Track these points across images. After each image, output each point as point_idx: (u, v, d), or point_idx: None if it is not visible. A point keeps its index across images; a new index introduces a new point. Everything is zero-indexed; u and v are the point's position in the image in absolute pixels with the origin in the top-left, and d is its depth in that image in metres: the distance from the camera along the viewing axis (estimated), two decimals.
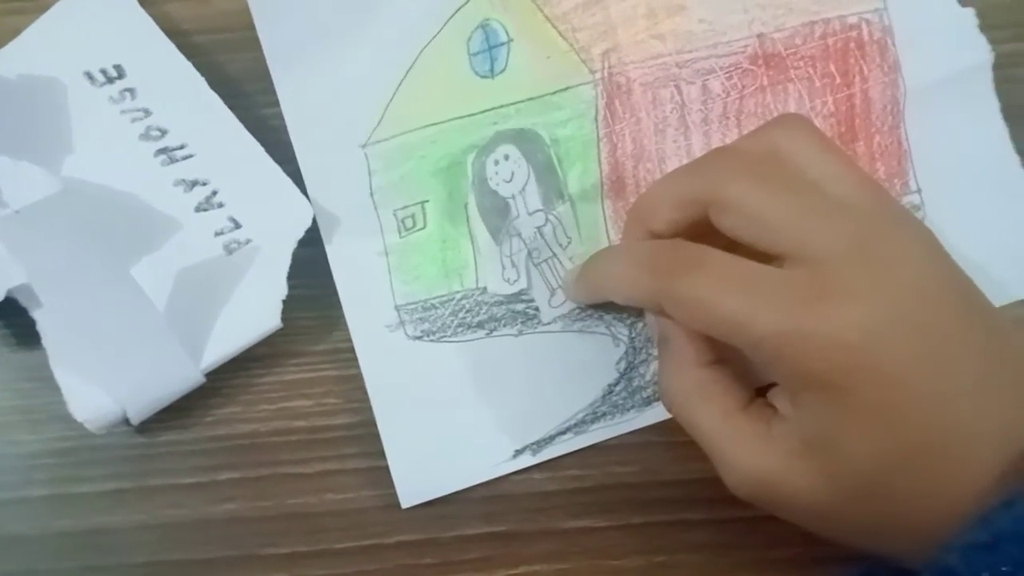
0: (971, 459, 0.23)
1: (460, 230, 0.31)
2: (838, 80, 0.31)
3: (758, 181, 0.25)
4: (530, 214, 0.31)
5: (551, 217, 0.31)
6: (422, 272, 0.31)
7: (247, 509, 0.30)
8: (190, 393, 0.30)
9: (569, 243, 0.31)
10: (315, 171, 0.31)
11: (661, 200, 0.27)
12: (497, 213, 0.31)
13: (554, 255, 0.31)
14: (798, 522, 0.25)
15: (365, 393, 0.31)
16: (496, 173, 0.31)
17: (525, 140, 0.31)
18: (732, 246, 0.25)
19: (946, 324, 0.24)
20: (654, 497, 0.31)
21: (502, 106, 0.31)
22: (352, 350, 0.31)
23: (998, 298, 0.30)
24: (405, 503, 0.30)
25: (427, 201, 0.31)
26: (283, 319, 0.29)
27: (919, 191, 0.31)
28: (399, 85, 0.31)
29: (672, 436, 0.30)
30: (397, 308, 0.31)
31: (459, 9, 0.31)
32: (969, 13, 0.31)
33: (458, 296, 0.31)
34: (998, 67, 0.31)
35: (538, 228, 0.31)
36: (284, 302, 0.29)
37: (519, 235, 0.31)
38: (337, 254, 0.31)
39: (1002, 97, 0.31)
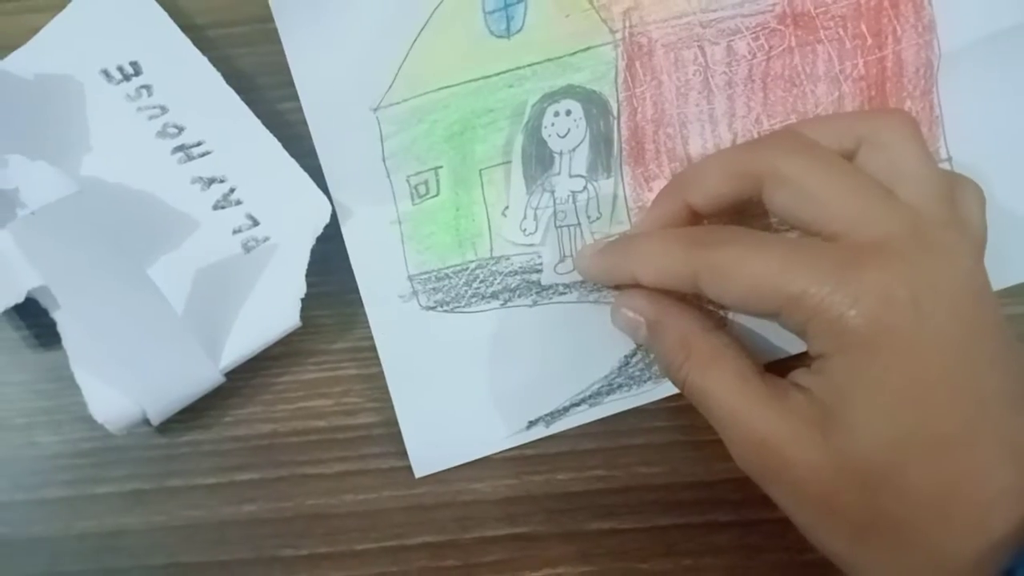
0: (995, 470, 0.22)
1: (474, 197, 0.31)
2: (869, 41, 0.30)
3: (820, 162, 0.24)
4: (571, 176, 0.30)
5: (590, 187, 0.30)
6: (436, 241, 0.31)
7: (266, 510, 0.30)
8: (209, 393, 0.29)
9: (598, 218, 0.30)
10: (326, 136, 0.30)
11: (711, 170, 0.27)
12: (539, 163, 0.30)
13: (579, 224, 0.30)
14: (790, 506, 0.24)
15: (386, 392, 0.30)
16: (552, 124, 0.30)
17: (592, 103, 0.30)
18: None
19: (984, 329, 0.23)
20: (681, 498, 0.30)
21: (518, 68, 0.30)
22: (372, 348, 0.30)
23: None
24: (418, 472, 0.30)
25: (440, 167, 0.31)
26: (302, 317, 0.29)
27: (949, 159, 0.30)
28: (412, 45, 0.30)
29: (699, 436, 0.29)
30: (410, 278, 0.30)
31: None
32: None
33: (472, 266, 0.30)
34: None
35: (573, 193, 0.30)
36: (302, 300, 0.29)
37: (552, 192, 0.30)
38: (349, 222, 0.30)
39: None
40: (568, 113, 0.30)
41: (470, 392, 0.30)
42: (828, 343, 0.23)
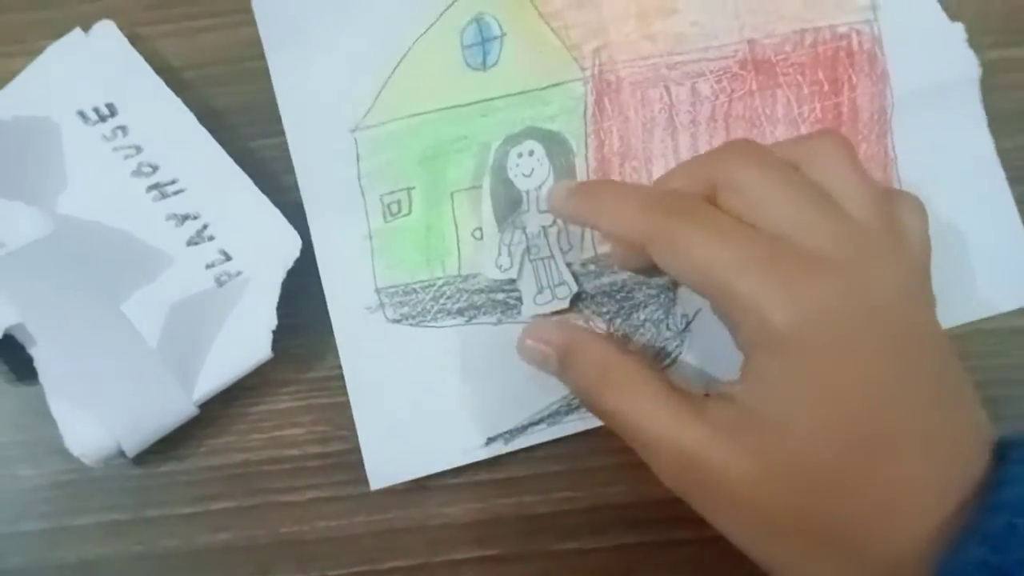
0: (929, 475, 0.23)
1: (444, 218, 0.32)
2: (826, 88, 0.31)
3: (770, 173, 0.25)
4: (540, 212, 0.31)
5: (559, 221, 0.31)
6: (405, 257, 0.32)
7: (241, 538, 0.31)
8: (184, 424, 0.30)
9: (570, 249, 0.31)
10: (305, 154, 0.32)
11: (678, 175, 0.27)
12: (508, 202, 0.31)
13: (552, 256, 0.31)
14: (725, 521, 0.24)
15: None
16: (517, 165, 0.31)
17: (553, 142, 0.32)
18: None
19: (916, 340, 0.24)
20: (644, 517, 0.31)
21: (491, 99, 0.32)
22: (342, 377, 0.31)
23: (982, 311, 0.31)
24: (374, 484, 0.30)
25: (413, 188, 0.32)
26: (273, 348, 0.30)
27: None
28: (392, 73, 0.32)
29: None
30: (378, 291, 0.31)
31: (454, 2, 0.32)
32: (958, 28, 0.31)
33: (439, 282, 0.31)
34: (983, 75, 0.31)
35: (544, 228, 0.31)
36: (274, 331, 0.30)
37: (523, 229, 0.31)
38: (321, 235, 0.31)
39: (987, 106, 0.31)
40: (531, 153, 0.32)
41: (430, 405, 0.31)
42: (759, 345, 0.24)
